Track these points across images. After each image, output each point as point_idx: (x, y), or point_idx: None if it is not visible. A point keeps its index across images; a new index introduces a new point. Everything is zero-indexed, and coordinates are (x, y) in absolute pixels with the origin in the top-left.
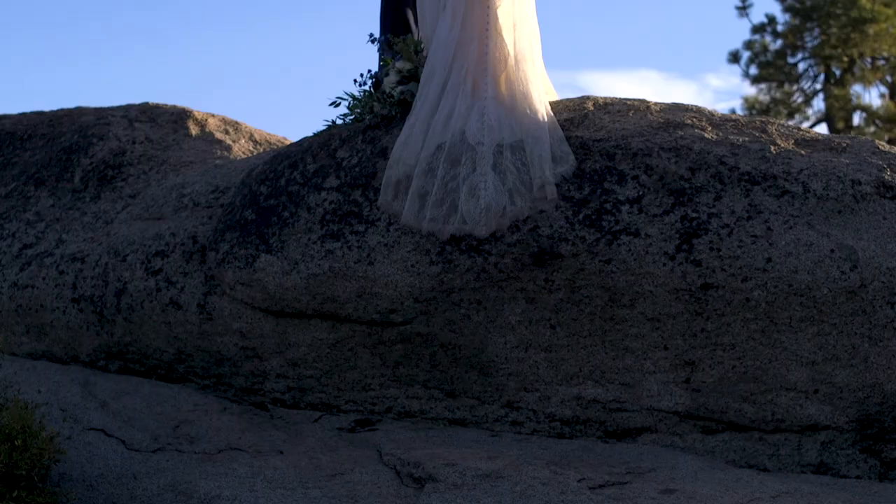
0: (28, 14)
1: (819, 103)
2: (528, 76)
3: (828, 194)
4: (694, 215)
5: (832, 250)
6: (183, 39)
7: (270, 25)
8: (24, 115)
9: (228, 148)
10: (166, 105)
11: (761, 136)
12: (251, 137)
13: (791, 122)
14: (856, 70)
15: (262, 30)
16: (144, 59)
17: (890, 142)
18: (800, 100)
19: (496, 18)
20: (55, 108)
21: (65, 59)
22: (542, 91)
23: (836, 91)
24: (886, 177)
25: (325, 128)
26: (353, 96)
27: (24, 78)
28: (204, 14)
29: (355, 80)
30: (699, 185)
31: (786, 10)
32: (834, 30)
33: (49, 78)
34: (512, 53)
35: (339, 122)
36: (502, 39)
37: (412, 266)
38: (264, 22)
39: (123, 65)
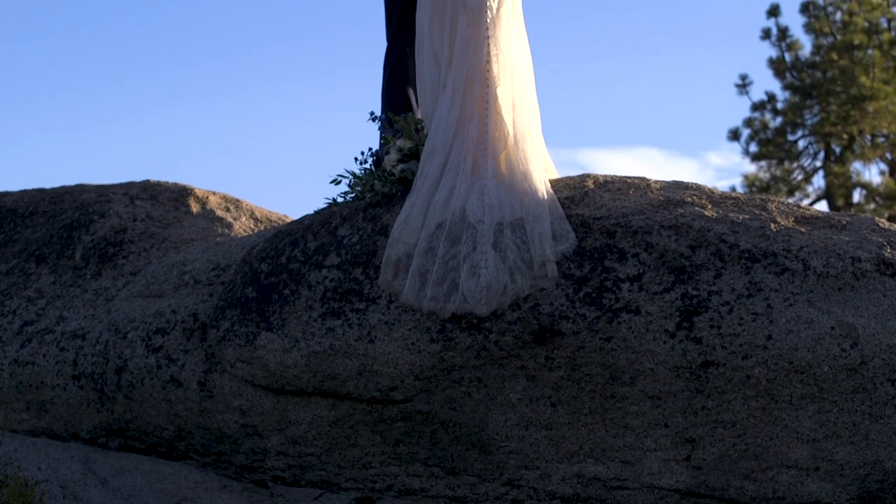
0: (29, 89)
1: (819, 180)
2: (528, 155)
3: (828, 272)
4: (694, 293)
5: (832, 327)
6: (185, 116)
7: (272, 104)
8: (25, 192)
9: (229, 225)
10: (167, 182)
11: (761, 214)
12: (252, 215)
13: (791, 200)
14: (856, 147)
15: (264, 108)
16: (147, 135)
17: (890, 219)
18: (800, 177)
19: (496, 98)
20: (56, 184)
21: (66, 134)
22: (543, 170)
23: (836, 168)
24: (886, 254)
25: (325, 206)
26: (353, 174)
27: (26, 154)
28: (205, 92)
29: (356, 159)
30: (699, 262)
31: (785, 87)
32: (834, 107)
33: (50, 154)
34: (512, 133)
35: (339, 200)
36: (502, 119)
37: (413, 344)
38: (266, 100)
39: (125, 140)
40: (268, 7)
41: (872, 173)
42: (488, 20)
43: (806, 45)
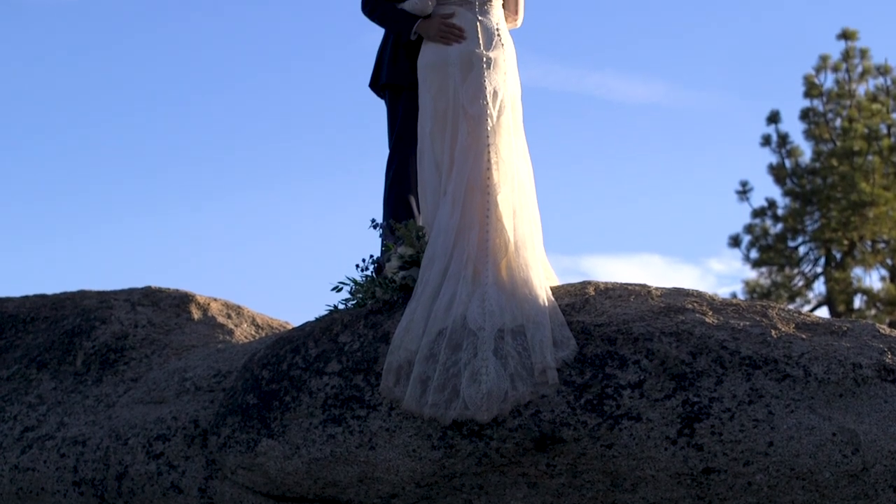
0: (30, 193)
1: (820, 286)
2: (529, 263)
3: (829, 378)
4: (695, 399)
5: (834, 434)
6: (185, 221)
7: (273, 211)
8: (26, 298)
9: (230, 332)
10: (169, 289)
11: (762, 321)
12: (253, 322)
13: (792, 306)
14: (856, 253)
15: (265, 214)
16: (148, 239)
17: (891, 325)
18: (801, 283)
19: (496, 206)
20: (58, 290)
21: (67, 239)
22: (543, 276)
23: (836, 274)
24: (887, 360)
25: (327, 312)
26: (355, 281)
27: (27, 259)
28: (206, 197)
29: (357, 266)
30: (700, 369)
31: (786, 193)
32: (834, 213)
33: (52, 259)
34: (512, 240)
35: (341, 306)
36: (503, 227)
37: (414, 451)
38: (267, 207)
39: (126, 244)
40: (269, 114)
41: (873, 279)
42: (489, 128)
43: (806, 151)
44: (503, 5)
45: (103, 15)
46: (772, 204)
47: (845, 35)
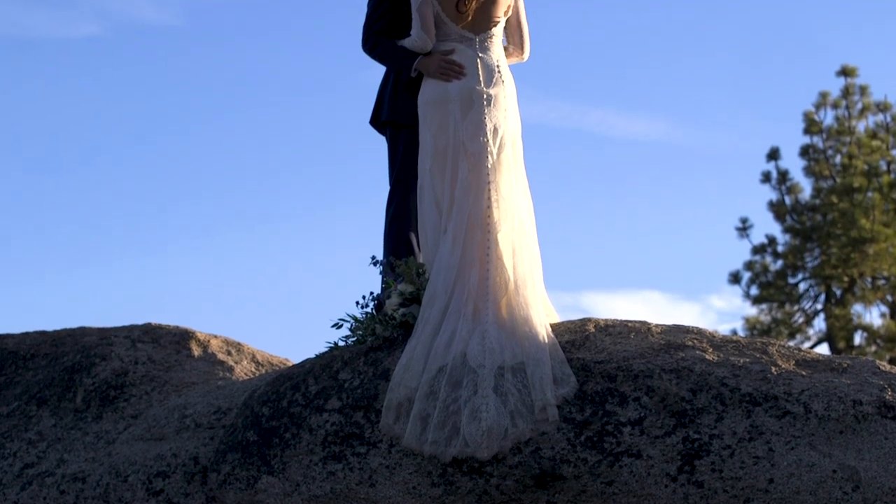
0: (30, 230)
1: (820, 323)
2: (529, 300)
3: (829, 415)
4: (696, 436)
5: (834, 471)
6: (185, 258)
7: (273, 247)
8: (26, 334)
9: (230, 369)
10: (169, 326)
11: (762, 358)
12: (253, 359)
13: (792, 343)
14: (856, 290)
15: (264, 251)
16: (148, 276)
17: (891, 361)
18: (801, 320)
19: (496, 244)
20: (58, 326)
21: (67, 275)
22: (543, 314)
23: (836, 311)
24: (887, 397)
25: (327, 349)
26: (355, 318)
27: (27, 296)
28: (205, 234)
29: (357, 303)
30: (700, 406)
31: (786, 230)
32: (834, 250)
33: (52, 295)
34: (512, 279)
35: (341, 343)
36: (503, 265)
37: (414, 488)
38: (267, 244)
39: (126, 281)
40: (268, 150)
41: (873, 316)
42: (489, 166)
43: (806, 188)
44: (508, 40)
45: (102, 51)
46: (772, 241)
47: (845, 72)
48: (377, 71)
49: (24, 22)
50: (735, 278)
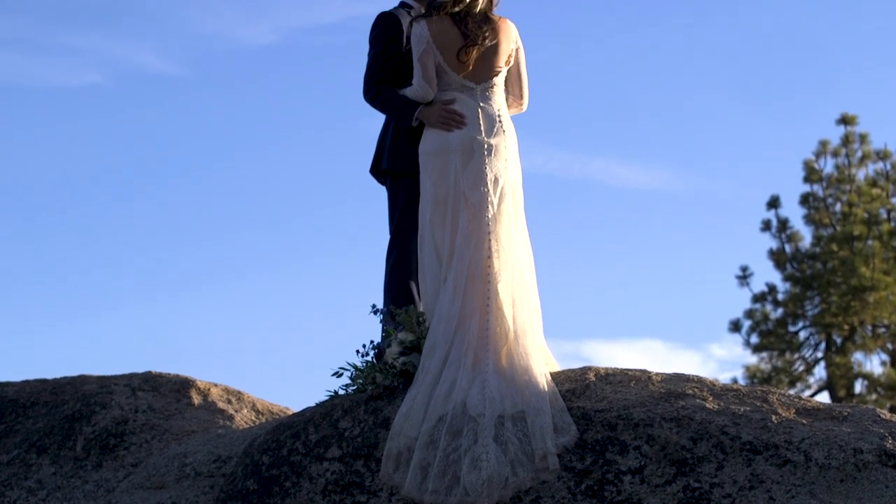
0: (30, 278)
1: (820, 371)
2: (529, 350)
3: (830, 463)
4: (696, 485)
5: None
6: (186, 306)
7: (274, 296)
8: (26, 382)
9: (231, 417)
10: (169, 374)
11: (763, 406)
12: (254, 407)
13: (793, 391)
14: (857, 338)
15: (265, 299)
16: (148, 323)
17: (892, 409)
18: (801, 368)
19: (497, 294)
20: (58, 374)
21: (67, 323)
22: (543, 364)
23: (837, 359)
24: (888, 445)
25: (327, 398)
26: (355, 367)
27: (27, 343)
28: (205, 282)
29: (358, 351)
30: (701, 455)
31: (786, 278)
32: (834, 298)
33: (52, 343)
34: (512, 328)
35: (341, 392)
36: (503, 314)
37: None
38: (268, 293)
39: (126, 328)
40: (268, 198)
41: (874, 364)
42: (489, 216)
43: (806, 236)
44: (508, 90)
45: (104, 100)
46: (772, 289)
47: (845, 120)
48: (377, 120)
49: (28, 71)
50: (735, 326)
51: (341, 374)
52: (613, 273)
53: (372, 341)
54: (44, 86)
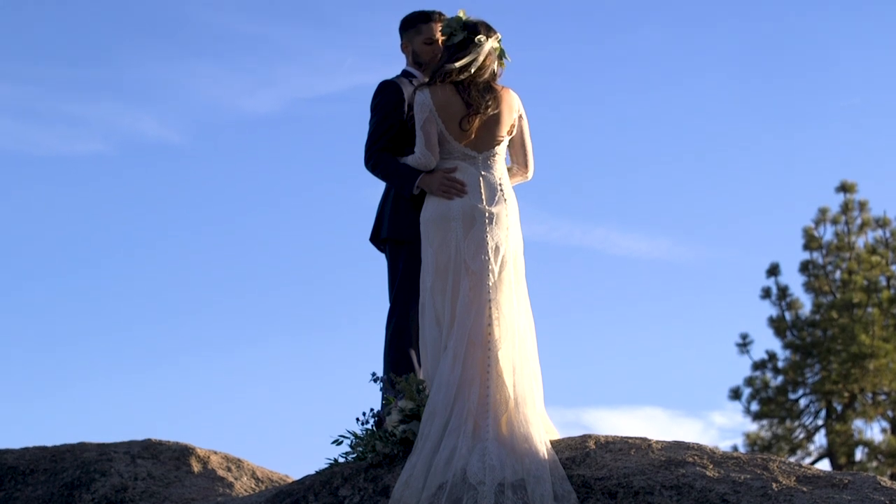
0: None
1: (821, 439)
2: (529, 418)
3: None
4: None
5: None
6: (186, 376)
7: (273, 364)
8: (26, 449)
9: (230, 485)
10: (169, 442)
11: (763, 474)
12: (253, 475)
13: (793, 459)
14: (857, 405)
15: (266, 370)
16: (148, 391)
17: (892, 477)
18: (801, 436)
19: (497, 361)
20: (58, 441)
21: (67, 391)
22: (543, 431)
23: (837, 426)
24: None
25: (327, 466)
26: (355, 435)
27: (27, 410)
28: (205, 353)
29: (358, 419)
30: None
31: (786, 346)
32: (834, 365)
33: (52, 410)
34: (512, 396)
35: (341, 460)
36: (503, 382)
37: None
38: (267, 361)
39: (125, 396)
40: (268, 266)
41: (874, 431)
42: (490, 283)
43: (806, 303)
44: (513, 159)
45: (108, 169)
46: (772, 356)
47: (844, 187)
48: (377, 188)
49: (34, 139)
50: (736, 394)
51: (341, 442)
52: (614, 341)
53: (372, 409)
54: (50, 154)
